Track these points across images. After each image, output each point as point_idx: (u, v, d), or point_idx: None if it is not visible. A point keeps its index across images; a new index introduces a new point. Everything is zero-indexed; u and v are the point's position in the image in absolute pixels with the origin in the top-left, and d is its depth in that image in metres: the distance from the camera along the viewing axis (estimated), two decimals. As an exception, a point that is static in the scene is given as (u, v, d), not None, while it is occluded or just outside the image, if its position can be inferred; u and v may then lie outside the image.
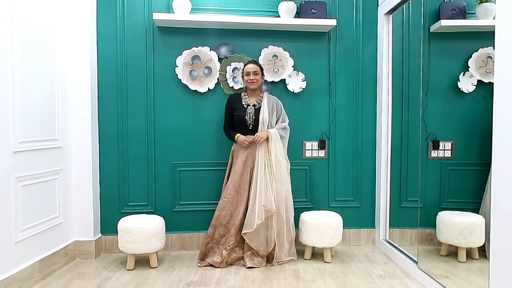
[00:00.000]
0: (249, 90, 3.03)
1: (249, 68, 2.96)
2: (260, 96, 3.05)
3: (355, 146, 3.38)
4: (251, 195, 2.89)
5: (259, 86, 3.03)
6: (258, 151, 2.93)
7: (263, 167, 2.91)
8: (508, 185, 1.70)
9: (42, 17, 2.62)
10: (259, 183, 2.88)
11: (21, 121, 2.40)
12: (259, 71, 2.99)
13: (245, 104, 3.00)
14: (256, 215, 2.83)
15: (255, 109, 2.98)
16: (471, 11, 2.62)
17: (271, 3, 3.23)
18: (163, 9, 3.15)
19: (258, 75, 2.97)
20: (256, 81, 2.96)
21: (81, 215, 3.03)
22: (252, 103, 3.00)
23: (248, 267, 2.84)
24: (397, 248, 3.04)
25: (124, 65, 3.15)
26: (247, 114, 2.96)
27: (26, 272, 2.44)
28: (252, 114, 2.96)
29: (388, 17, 3.23)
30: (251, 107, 2.98)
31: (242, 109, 2.99)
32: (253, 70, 2.95)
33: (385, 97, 3.25)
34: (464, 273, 2.59)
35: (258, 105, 3.00)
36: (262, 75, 3.03)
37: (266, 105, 3.01)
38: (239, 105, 3.01)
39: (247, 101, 3.01)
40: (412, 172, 2.95)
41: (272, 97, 3.08)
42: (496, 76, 1.79)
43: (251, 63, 2.99)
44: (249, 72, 2.95)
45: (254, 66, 2.97)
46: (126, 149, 3.18)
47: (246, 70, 2.97)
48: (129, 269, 2.82)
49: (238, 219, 2.90)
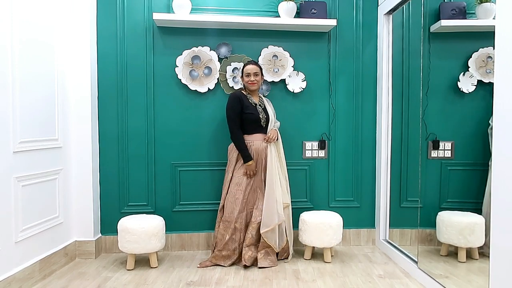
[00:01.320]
0: (250, 91, 3.02)
1: (249, 69, 2.94)
2: (259, 96, 3.08)
3: (355, 146, 3.38)
4: (267, 193, 2.88)
5: (259, 87, 3.04)
6: (271, 149, 2.94)
7: (278, 164, 2.96)
8: (508, 185, 1.70)
9: (42, 17, 2.62)
10: (275, 181, 2.89)
11: (21, 121, 2.40)
12: (259, 72, 2.98)
13: (253, 103, 2.98)
14: (276, 212, 2.85)
15: (262, 108, 3.00)
16: (471, 11, 2.62)
17: (271, 3, 3.23)
18: (163, 9, 3.15)
19: (258, 76, 2.97)
20: (257, 82, 2.96)
21: (81, 215, 3.03)
22: (257, 103, 3.01)
23: (260, 267, 2.84)
24: (397, 248, 3.04)
25: (124, 65, 3.15)
26: (259, 112, 2.96)
27: (26, 272, 2.44)
28: (262, 113, 2.97)
29: (388, 17, 3.23)
30: (259, 106, 2.99)
31: (253, 107, 2.96)
32: (253, 71, 2.93)
33: (385, 97, 3.25)
34: (464, 273, 2.59)
35: (262, 104, 3.02)
36: (262, 76, 3.03)
37: (269, 105, 3.07)
38: (248, 103, 2.97)
39: (252, 100, 3.00)
40: (412, 172, 2.95)
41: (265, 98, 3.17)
42: (496, 76, 1.79)
43: (251, 63, 2.97)
44: (249, 73, 2.94)
45: (255, 67, 2.95)
46: (126, 149, 3.18)
47: (246, 71, 2.95)
48: (129, 269, 2.82)
49: (257, 217, 2.89)
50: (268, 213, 2.86)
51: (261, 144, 2.96)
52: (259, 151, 2.95)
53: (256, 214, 2.90)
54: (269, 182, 2.90)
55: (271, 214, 2.86)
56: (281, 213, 2.88)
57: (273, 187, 2.88)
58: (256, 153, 2.95)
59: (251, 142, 2.96)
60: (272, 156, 2.93)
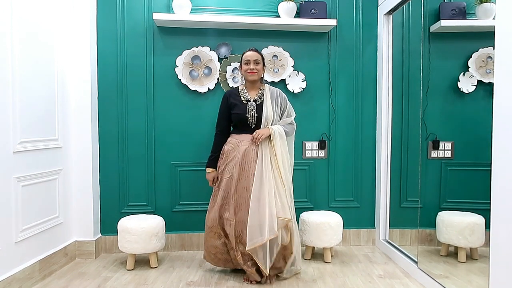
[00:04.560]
0: (248, 82, 2.67)
1: (249, 56, 2.61)
2: (261, 89, 2.69)
3: (355, 146, 3.38)
4: (256, 204, 2.45)
5: (259, 78, 2.67)
6: (264, 152, 2.54)
7: (269, 170, 2.51)
8: (508, 185, 1.70)
9: (42, 18, 2.62)
10: (268, 190, 2.46)
11: (21, 121, 2.40)
12: (261, 60, 2.64)
13: (245, 100, 2.64)
14: (266, 228, 2.40)
15: (257, 105, 2.62)
16: (471, 11, 2.63)
17: (271, 3, 3.23)
18: (163, 9, 3.15)
19: (259, 65, 2.62)
20: (257, 72, 2.61)
21: (81, 215, 3.03)
22: (252, 98, 2.64)
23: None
24: (397, 248, 3.04)
25: (124, 65, 3.15)
26: (247, 111, 2.60)
27: (26, 272, 2.44)
28: (253, 111, 2.60)
29: (388, 17, 3.23)
30: (251, 103, 2.62)
31: (241, 105, 2.62)
32: (253, 58, 2.60)
33: (385, 97, 3.25)
34: (464, 273, 2.59)
35: (259, 100, 2.65)
36: (264, 66, 2.69)
37: (269, 100, 2.63)
38: (238, 100, 2.64)
39: (246, 96, 2.65)
40: (412, 172, 2.95)
41: (275, 89, 2.74)
42: (496, 76, 1.79)
43: (251, 50, 2.65)
44: (249, 61, 2.60)
45: (255, 54, 2.62)
46: (126, 149, 3.18)
47: (245, 58, 2.62)
48: (129, 269, 2.82)
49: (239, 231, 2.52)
50: (254, 229, 2.43)
51: (250, 146, 2.58)
52: (246, 154, 2.56)
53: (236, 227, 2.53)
54: (257, 190, 2.47)
55: (260, 229, 2.43)
56: (273, 228, 2.41)
57: (264, 198, 2.45)
58: (242, 155, 2.56)
59: (239, 142, 2.62)
60: (263, 160, 2.52)
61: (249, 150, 2.57)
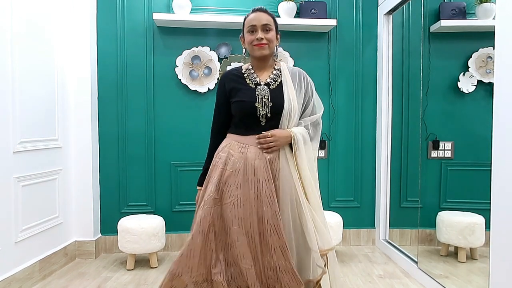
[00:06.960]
0: (256, 60, 1.81)
1: (254, 19, 1.72)
2: (275, 68, 1.83)
3: (355, 146, 3.38)
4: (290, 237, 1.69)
5: (272, 52, 1.80)
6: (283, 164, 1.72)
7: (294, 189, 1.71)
8: (508, 185, 1.70)
9: (42, 17, 2.62)
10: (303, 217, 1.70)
11: (21, 121, 2.40)
12: (273, 24, 1.76)
13: (252, 83, 1.78)
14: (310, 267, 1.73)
15: (271, 90, 1.76)
16: (471, 11, 2.63)
17: (271, 3, 3.23)
18: (163, 9, 3.15)
19: (270, 32, 1.74)
20: (268, 43, 1.74)
21: (81, 215, 3.03)
22: (263, 81, 1.79)
23: None
24: (397, 248, 3.04)
25: (124, 65, 3.14)
26: (257, 99, 1.73)
27: (26, 272, 2.44)
28: (266, 98, 1.73)
29: (388, 17, 3.23)
30: (263, 87, 1.75)
31: (248, 90, 1.76)
32: (262, 22, 1.71)
33: (385, 97, 3.25)
34: (464, 273, 2.59)
35: (274, 83, 1.79)
36: (278, 34, 1.81)
37: (290, 81, 1.77)
38: (242, 84, 1.78)
39: (254, 78, 1.79)
40: (412, 172, 2.96)
41: (296, 68, 1.88)
42: (496, 76, 1.79)
43: (258, 11, 1.76)
44: (255, 27, 1.72)
45: (264, 16, 1.73)
46: (126, 149, 3.18)
47: (249, 23, 1.74)
48: (129, 269, 2.82)
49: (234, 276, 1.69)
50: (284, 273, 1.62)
51: (259, 154, 1.72)
52: (254, 165, 1.70)
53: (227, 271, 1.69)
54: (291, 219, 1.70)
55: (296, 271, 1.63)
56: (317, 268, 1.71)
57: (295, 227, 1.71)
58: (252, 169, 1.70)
59: (244, 148, 1.75)
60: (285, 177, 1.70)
61: (259, 162, 1.71)
